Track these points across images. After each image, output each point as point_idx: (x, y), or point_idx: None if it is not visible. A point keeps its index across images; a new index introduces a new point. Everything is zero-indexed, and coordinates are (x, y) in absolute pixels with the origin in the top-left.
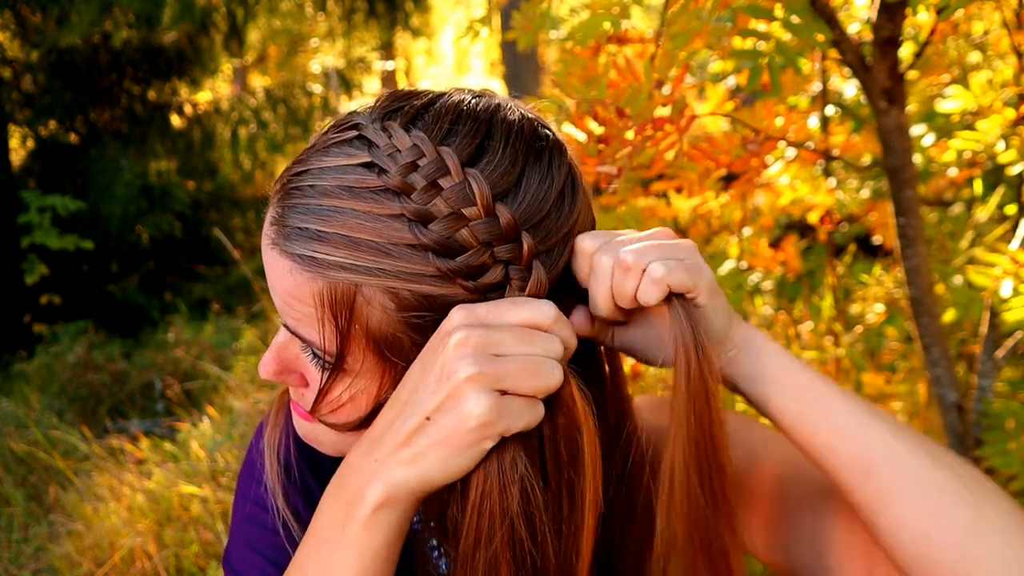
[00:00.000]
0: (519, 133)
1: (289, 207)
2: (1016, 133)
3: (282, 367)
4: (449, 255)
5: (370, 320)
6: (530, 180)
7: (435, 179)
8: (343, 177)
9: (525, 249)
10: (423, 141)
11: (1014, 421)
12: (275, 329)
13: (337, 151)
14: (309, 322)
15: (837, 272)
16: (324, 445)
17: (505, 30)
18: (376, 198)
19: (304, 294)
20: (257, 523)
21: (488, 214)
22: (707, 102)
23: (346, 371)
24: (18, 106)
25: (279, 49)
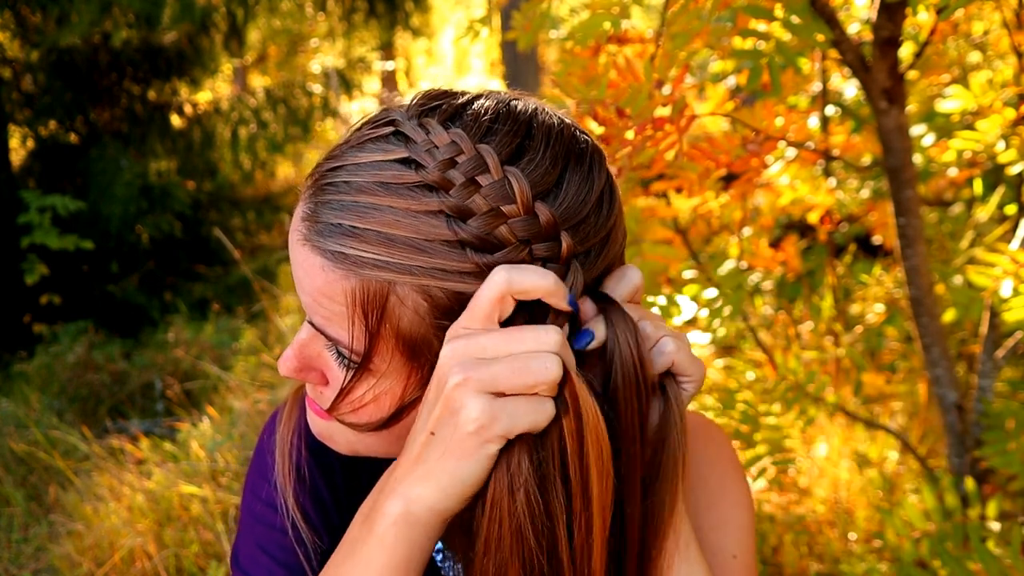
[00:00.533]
0: (559, 135)
1: (322, 203)
2: (1016, 133)
3: (303, 364)
4: (488, 251)
5: (401, 321)
6: (571, 182)
7: (474, 176)
8: (379, 173)
9: (564, 248)
10: (462, 138)
11: (1014, 421)
12: (275, 329)
13: (373, 147)
14: (338, 320)
15: (837, 272)
16: (339, 444)
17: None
18: (413, 194)
19: (335, 292)
20: (266, 523)
21: (527, 212)
22: (707, 102)
23: (371, 371)
24: (18, 106)
25: (279, 49)
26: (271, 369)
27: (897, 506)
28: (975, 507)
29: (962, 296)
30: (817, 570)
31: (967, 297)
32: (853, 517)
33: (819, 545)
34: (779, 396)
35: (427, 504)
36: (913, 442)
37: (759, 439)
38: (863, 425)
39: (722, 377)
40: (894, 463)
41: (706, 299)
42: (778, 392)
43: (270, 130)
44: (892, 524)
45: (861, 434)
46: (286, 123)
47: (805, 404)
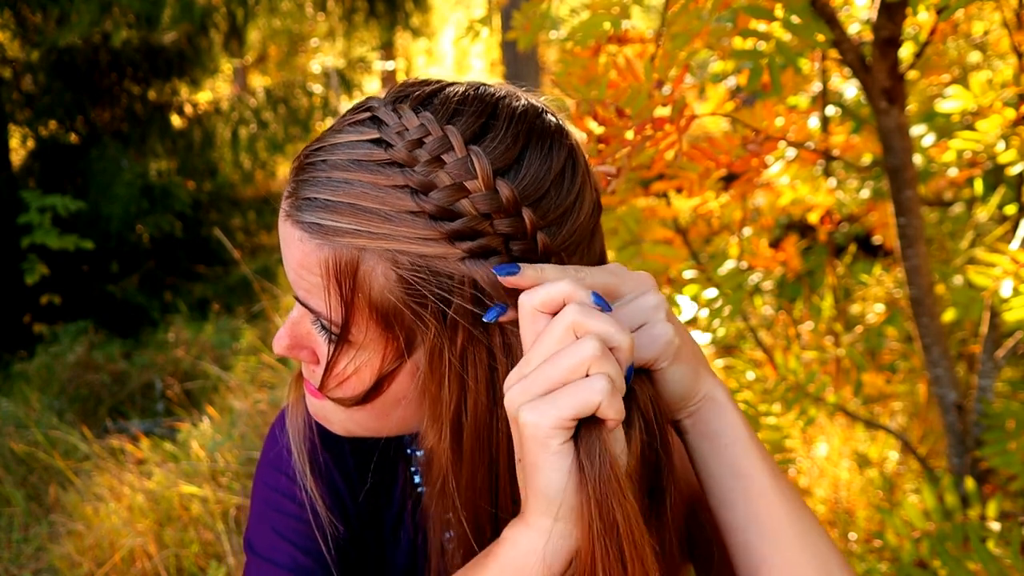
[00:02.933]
0: (522, 116)
1: (303, 181)
2: (1016, 133)
3: (294, 342)
4: (448, 219)
5: (372, 289)
6: (531, 159)
7: (439, 154)
8: (352, 152)
9: (527, 223)
10: (430, 121)
11: (1014, 421)
12: (275, 329)
13: (350, 129)
14: (316, 292)
15: (837, 272)
16: (333, 424)
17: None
18: (381, 170)
19: (312, 263)
20: (283, 511)
21: (488, 188)
22: (707, 102)
23: (351, 343)
24: (18, 106)
25: (279, 49)
26: (271, 369)
27: (897, 506)
28: (975, 507)
29: (962, 296)
30: None
31: (967, 297)
32: (853, 517)
33: None
34: (779, 396)
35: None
36: (913, 442)
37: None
38: (863, 425)
39: (722, 377)
40: (894, 463)
41: (706, 299)
42: (778, 392)
43: (270, 130)
44: (892, 524)
45: (861, 434)
46: (286, 123)
47: (805, 404)
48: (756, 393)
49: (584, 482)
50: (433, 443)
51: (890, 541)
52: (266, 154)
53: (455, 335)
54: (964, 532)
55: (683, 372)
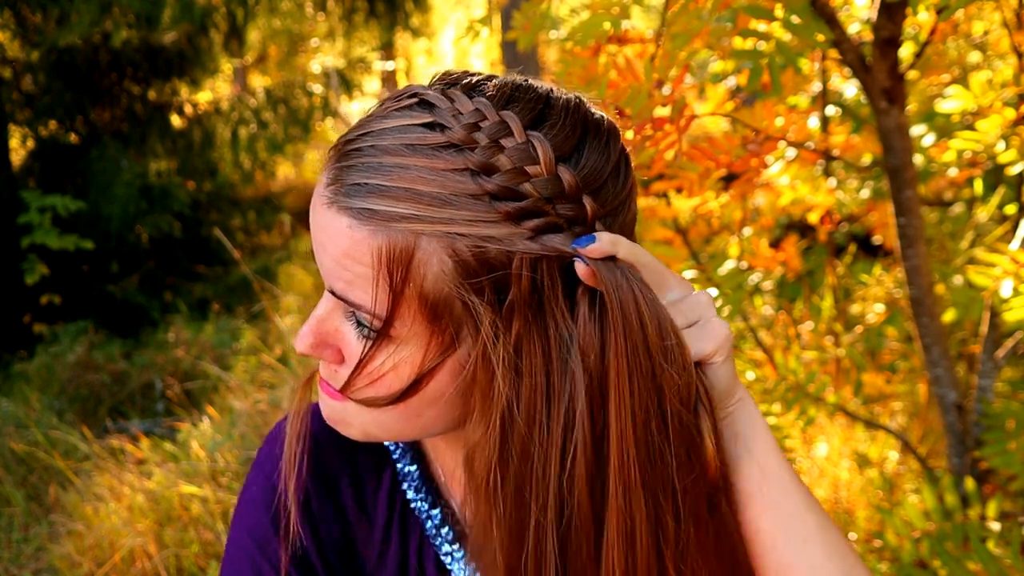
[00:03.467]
0: (576, 108)
1: (347, 167)
2: (1016, 133)
3: (319, 340)
4: (513, 199)
5: (426, 279)
6: (590, 149)
7: (497, 139)
8: (404, 136)
9: (589, 210)
10: (486, 106)
11: (1014, 421)
12: (275, 329)
13: (398, 114)
14: (361, 283)
15: (837, 272)
16: (352, 428)
17: (505, 30)
18: (438, 153)
19: (361, 251)
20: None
21: (550, 173)
22: (707, 102)
23: (392, 338)
24: (18, 106)
25: (279, 49)
26: (271, 369)
27: (897, 506)
28: (975, 507)
29: (962, 296)
30: None
31: (967, 297)
32: (853, 517)
33: None
34: (779, 396)
35: None
36: (913, 442)
37: None
38: (863, 425)
39: None
40: (894, 463)
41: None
42: (778, 392)
43: (270, 130)
44: (892, 524)
45: (861, 434)
46: (286, 123)
47: (805, 404)
48: (756, 393)
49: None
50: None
51: (890, 541)
52: (266, 154)
53: (510, 324)
54: (964, 532)
55: (729, 370)
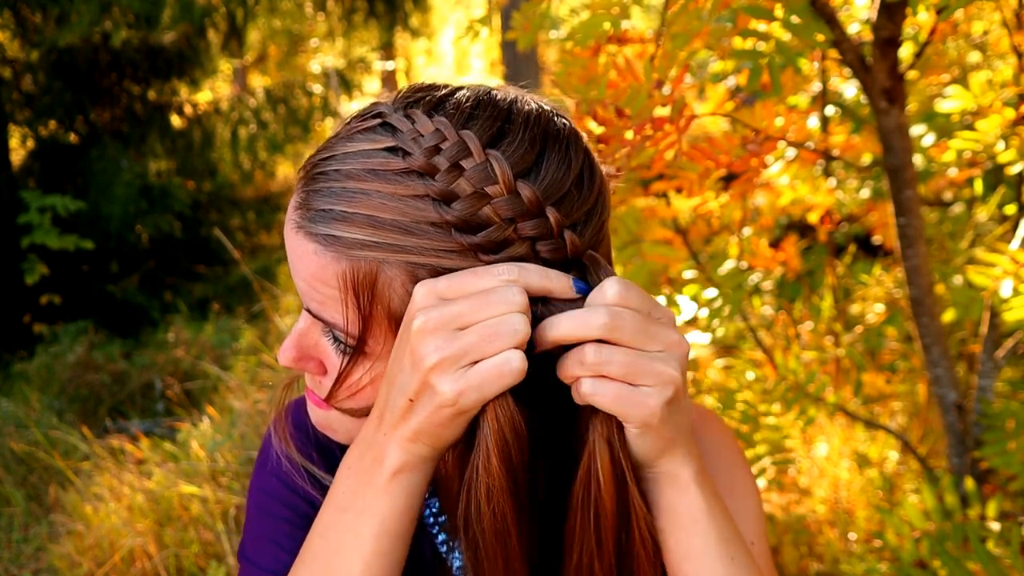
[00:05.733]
0: (537, 119)
1: (313, 191)
2: (1016, 133)
3: (301, 354)
4: (472, 231)
5: (392, 301)
6: (549, 161)
7: (457, 160)
8: (367, 161)
9: (553, 222)
10: (445, 126)
11: (1014, 421)
12: (275, 329)
13: (361, 137)
14: (332, 304)
15: (837, 272)
16: (338, 433)
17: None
18: (400, 180)
19: (328, 275)
20: (271, 514)
21: (510, 191)
22: (707, 102)
23: (367, 354)
24: (18, 106)
25: (279, 49)
26: (271, 369)
27: (897, 506)
28: (975, 507)
29: (962, 296)
30: (817, 570)
31: (967, 297)
32: (853, 517)
33: (819, 545)
34: (779, 396)
35: (420, 455)
36: (913, 442)
37: (759, 439)
38: (863, 425)
39: (722, 377)
40: (894, 463)
41: (706, 299)
42: (778, 392)
43: (270, 130)
44: (892, 524)
45: (861, 434)
46: (286, 123)
47: (805, 404)
48: (756, 393)
49: None
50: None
51: (890, 541)
52: (266, 154)
53: None
54: (964, 532)
55: (649, 445)
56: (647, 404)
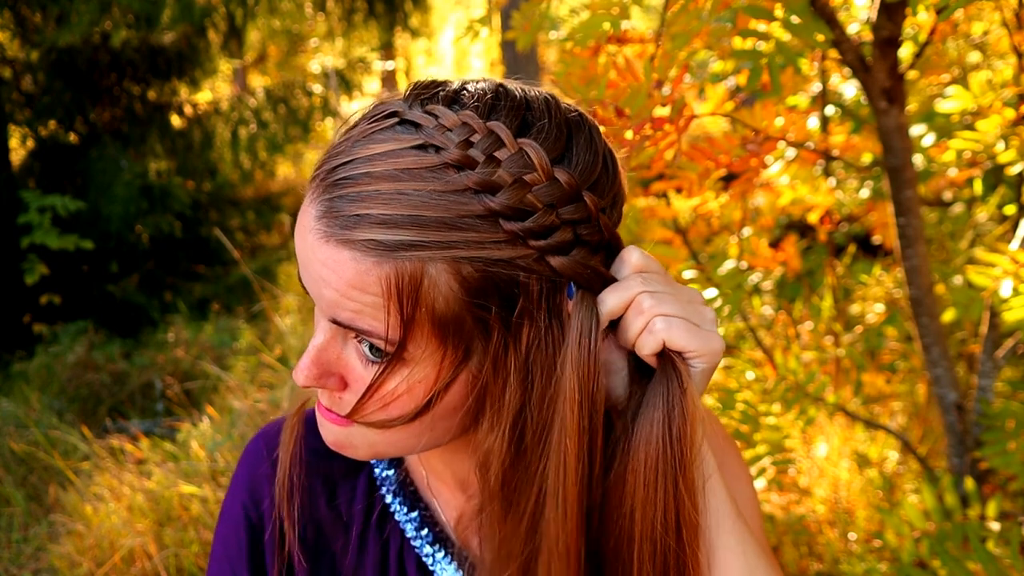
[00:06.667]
0: (556, 107)
1: (340, 197)
2: (1016, 133)
3: (322, 371)
4: (520, 218)
5: (436, 301)
6: (579, 146)
7: (492, 152)
8: (398, 160)
9: (591, 206)
10: (471, 118)
11: (1014, 421)
12: (275, 329)
13: (382, 137)
14: (371, 312)
15: (837, 272)
16: (359, 450)
17: (505, 30)
18: (437, 175)
19: (368, 282)
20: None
21: (548, 178)
22: (707, 102)
23: (405, 360)
24: (18, 106)
25: (279, 49)
26: (271, 369)
27: (897, 506)
28: (975, 507)
29: (962, 296)
30: (817, 570)
31: (967, 297)
32: (853, 517)
33: (819, 545)
34: (779, 396)
35: None
36: (913, 442)
37: (759, 439)
38: (863, 425)
39: (722, 377)
40: (894, 463)
41: (706, 299)
42: (778, 392)
43: (270, 130)
44: (892, 524)
45: (861, 434)
46: (286, 123)
47: (805, 404)
48: (756, 393)
49: None
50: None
51: (890, 541)
52: (266, 154)
53: (520, 334)
54: (964, 532)
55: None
56: (713, 338)
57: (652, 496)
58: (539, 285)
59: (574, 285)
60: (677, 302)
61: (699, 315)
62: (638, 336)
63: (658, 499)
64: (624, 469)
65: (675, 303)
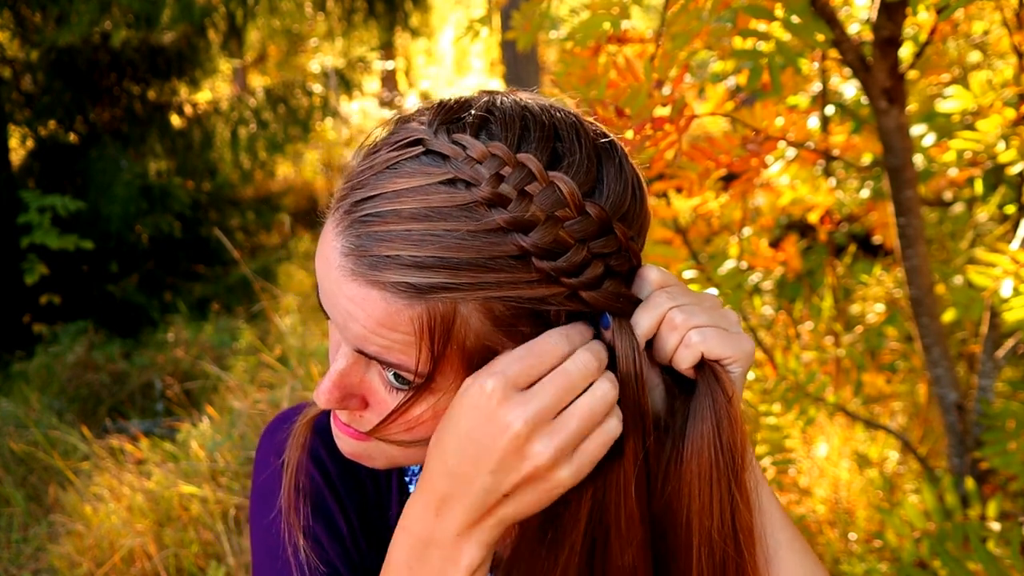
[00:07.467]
0: (585, 133)
1: (368, 235)
2: (1016, 133)
3: (344, 393)
4: (552, 257)
5: (467, 339)
6: (609, 177)
7: (523, 187)
8: (428, 198)
9: (621, 236)
10: (502, 150)
11: (1014, 421)
12: (275, 329)
13: (410, 169)
14: (401, 348)
15: (837, 272)
16: (376, 460)
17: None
18: (468, 215)
19: (399, 322)
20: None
21: (579, 212)
22: (707, 102)
23: (432, 389)
24: (18, 106)
25: (279, 49)
26: (271, 369)
27: (897, 506)
28: (975, 507)
29: (962, 296)
30: None
31: (967, 297)
32: (853, 517)
33: (819, 545)
34: (779, 396)
35: (493, 544)
36: (913, 442)
37: (759, 439)
38: (863, 425)
39: None
40: (894, 463)
41: None
42: (778, 392)
43: (270, 130)
44: (892, 524)
45: (861, 434)
46: (286, 123)
47: (805, 404)
48: (756, 393)
49: None
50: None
51: (890, 541)
52: (266, 154)
53: None
54: (964, 532)
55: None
56: (744, 340)
57: (708, 505)
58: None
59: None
60: (704, 311)
61: (726, 320)
62: (675, 351)
63: (714, 508)
64: (679, 482)
65: (703, 313)
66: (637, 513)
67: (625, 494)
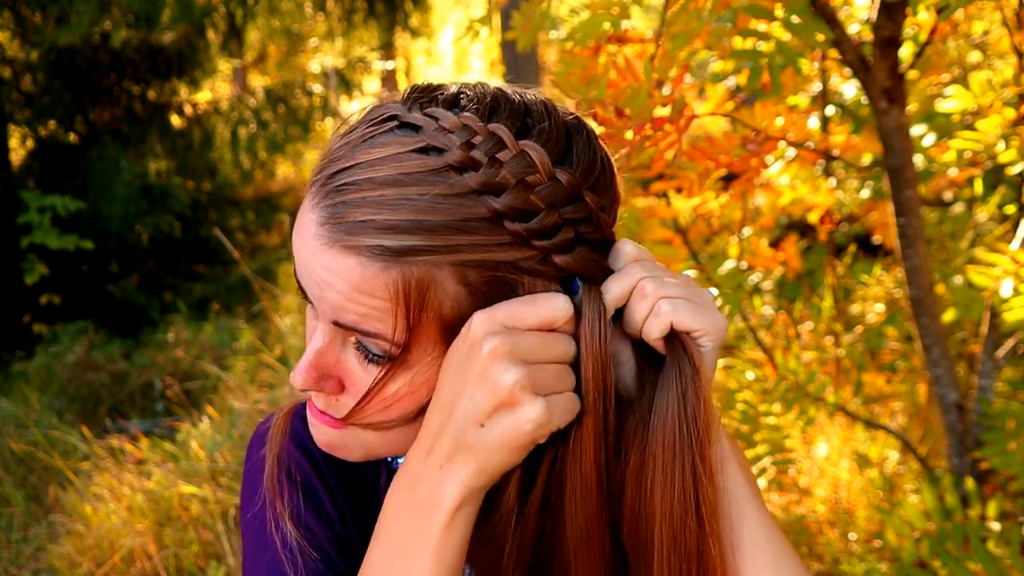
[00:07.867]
0: (553, 111)
1: (343, 203)
2: (1016, 133)
3: (321, 374)
4: (524, 219)
5: (442, 305)
6: (578, 147)
7: (494, 153)
8: (401, 164)
9: (591, 204)
10: (472, 120)
11: (1014, 421)
12: (275, 329)
13: (383, 140)
14: (378, 315)
15: (837, 272)
16: (354, 452)
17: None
18: (440, 179)
19: (375, 287)
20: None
21: (550, 178)
22: (707, 102)
23: (408, 363)
24: (18, 106)
25: (278, 49)
26: (271, 369)
27: (897, 506)
28: (975, 507)
29: (962, 296)
30: (817, 570)
31: (967, 297)
32: (853, 517)
33: (819, 545)
34: (779, 396)
35: (479, 486)
36: (913, 442)
37: (759, 439)
38: (863, 425)
39: (722, 377)
40: (894, 463)
41: None
42: (778, 392)
43: (270, 130)
44: (892, 524)
45: (861, 434)
46: (286, 123)
47: (805, 404)
48: (756, 393)
49: None
50: None
51: (890, 541)
52: (266, 154)
53: None
54: (964, 532)
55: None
56: (717, 315)
57: (671, 477)
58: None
59: (579, 279)
60: (677, 285)
61: (700, 295)
62: (645, 320)
63: (676, 479)
64: (643, 454)
65: (676, 286)
66: (594, 475)
67: (583, 455)
